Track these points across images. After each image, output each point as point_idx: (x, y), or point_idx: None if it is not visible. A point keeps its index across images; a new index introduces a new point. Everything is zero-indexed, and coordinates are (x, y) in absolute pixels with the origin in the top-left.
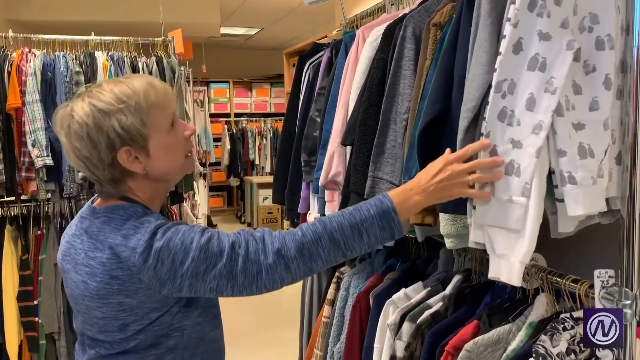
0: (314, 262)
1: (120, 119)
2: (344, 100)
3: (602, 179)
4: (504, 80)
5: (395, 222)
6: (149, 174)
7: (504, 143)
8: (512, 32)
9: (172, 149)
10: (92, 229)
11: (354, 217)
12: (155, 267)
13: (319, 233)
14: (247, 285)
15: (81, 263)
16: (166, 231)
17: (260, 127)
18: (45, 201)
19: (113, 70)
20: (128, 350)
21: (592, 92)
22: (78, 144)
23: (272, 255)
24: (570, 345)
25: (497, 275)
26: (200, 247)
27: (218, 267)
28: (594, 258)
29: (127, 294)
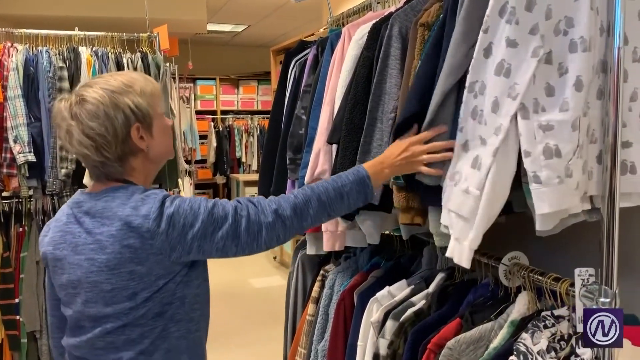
0: (304, 220)
1: (133, 99)
2: (329, 98)
3: (570, 179)
4: (475, 82)
5: (369, 187)
6: (149, 154)
7: (475, 139)
8: (483, 37)
9: (167, 132)
10: (96, 209)
11: (336, 183)
12: (167, 231)
13: (308, 195)
14: (250, 243)
15: (83, 243)
16: (174, 200)
17: (247, 124)
18: (27, 198)
19: (97, 66)
20: (136, 320)
21: (563, 93)
22: (93, 122)
23: (271, 215)
24: (550, 342)
25: (451, 255)
26: (208, 211)
27: (224, 228)
28: (575, 256)
29: (138, 261)
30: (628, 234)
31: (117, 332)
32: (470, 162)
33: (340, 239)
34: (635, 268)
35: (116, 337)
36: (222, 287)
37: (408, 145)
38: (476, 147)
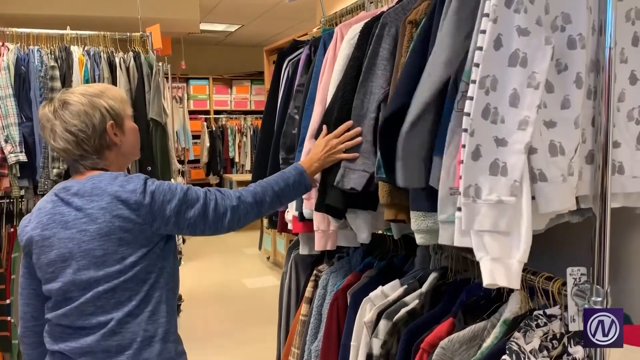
0: (262, 206)
1: (107, 101)
2: (321, 97)
3: (571, 177)
4: (487, 77)
5: (306, 178)
6: (121, 148)
7: (488, 142)
8: (491, 28)
9: (134, 132)
10: (84, 189)
11: (283, 176)
12: (150, 204)
13: (264, 186)
14: (215, 222)
15: (74, 219)
16: (154, 181)
17: (240, 124)
18: (18, 198)
19: (89, 66)
20: (124, 284)
21: (563, 90)
22: (75, 120)
23: (235, 200)
24: (543, 342)
25: (493, 282)
26: (184, 192)
27: (196, 207)
28: (567, 256)
29: (126, 229)
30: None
31: (107, 295)
32: (487, 170)
33: (332, 238)
34: (624, 268)
35: (106, 300)
36: (215, 287)
37: (326, 141)
38: (492, 151)
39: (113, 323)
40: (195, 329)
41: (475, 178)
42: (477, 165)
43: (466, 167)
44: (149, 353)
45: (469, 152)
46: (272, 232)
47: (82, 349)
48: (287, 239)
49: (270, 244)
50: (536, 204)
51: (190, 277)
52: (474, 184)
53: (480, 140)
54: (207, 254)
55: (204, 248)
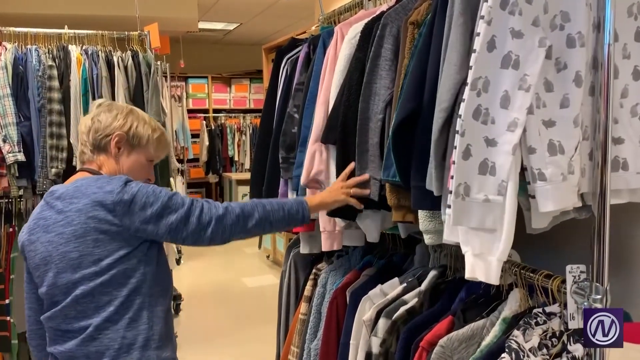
0: (249, 221)
1: (140, 127)
2: (323, 98)
3: (572, 175)
4: (479, 78)
5: (306, 208)
6: (115, 164)
7: (478, 142)
8: (485, 30)
9: (138, 167)
10: (67, 193)
11: (280, 200)
12: (129, 206)
13: (255, 203)
14: (197, 231)
15: (53, 222)
16: (138, 184)
17: (239, 123)
18: (17, 198)
19: (87, 65)
20: (103, 287)
21: (563, 89)
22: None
23: (222, 209)
24: (542, 340)
25: (473, 275)
26: (168, 196)
27: (179, 212)
28: (567, 254)
29: (101, 230)
30: (618, 231)
31: (87, 300)
32: (477, 169)
33: (338, 238)
34: (625, 265)
35: (86, 305)
36: (215, 286)
37: (339, 186)
38: (481, 151)
39: (91, 329)
40: (195, 328)
41: (465, 177)
42: (467, 164)
43: (457, 166)
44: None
45: (460, 151)
46: None
47: (66, 353)
48: (286, 237)
49: (270, 242)
50: (536, 203)
51: (190, 276)
52: (464, 183)
53: (470, 140)
54: (207, 253)
55: (203, 247)
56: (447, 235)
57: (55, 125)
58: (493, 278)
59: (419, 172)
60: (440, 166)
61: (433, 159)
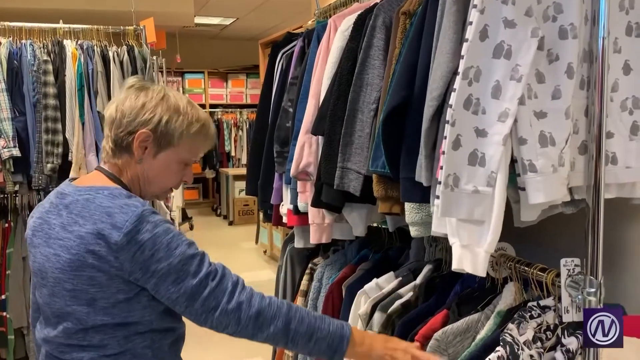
0: (260, 332)
1: (173, 119)
2: (315, 90)
3: (562, 168)
4: (470, 67)
5: (343, 349)
6: (138, 167)
7: (468, 132)
8: (478, 19)
9: (170, 169)
10: (75, 206)
11: (314, 322)
12: (135, 252)
13: (280, 313)
14: (199, 314)
15: (55, 237)
16: (158, 225)
17: (236, 118)
18: (12, 193)
19: (82, 60)
20: (96, 327)
21: (554, 80)
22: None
23: (234, 304)
24: (536, 333)
25: (460, 267)
26: (182, 257)
27: (185, 284)
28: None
29: (99, 268)
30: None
31: (78, 335)
32: (466, 160)
33: (327, 231)
34: (617, 259)
35: (78, 340)
36: None
37: (405, 350)
38: (472, 141)
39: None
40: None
41: (454, 167)
42: (457, 155)
43: (447, 156)
44: None
45: (450, 141)
46: (268, 226)
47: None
48: (283, 232)
49: (267, 237)
50: (526, 194)
51: None
52: (453, 173)
53: (460, 130)
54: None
55: (201, 242)
56: (435, 226)
57: (51, 120)
58: (480, 269)
59: (408, 163)
60: (431, 156)
61: (423, 149)
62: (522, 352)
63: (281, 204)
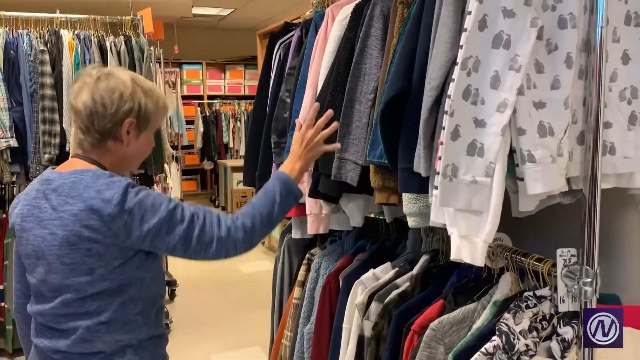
0: (253, 237)
1: (147, 102)
2: (312, 79)
3: (561, 158)
4: (469, 58)
5: (294, 186)
6: (124, 149)
7: (467, 122)
8: (477, 8)
9: (147, 146)
10: (63, 188)
11: (268, 195)
12: (126, 220)
13: (252, 214)
14: (198, 251)
15: (48, 218)
16: (139, 192)
17: (234, 109)
18: (10, 184)
19: (79, 50)
20: (94, 295)
21: (553, 70)
22: (106, 93)
23: (224, 231)
24: (532, 322)
25: (459, 257)
26: (168, 211)
27: (177, 231)
28: (558, 237)
29: (95, 240)
30: (608, 215)
31: (76, 304)
32: (465, 150)
33: (324, 221)
34: (614, 249)
35: (75, 309)
36: (211, 272)
37: (301, 136)
38: (470, 131)
39: (82, 331)
40: (190, 314)
41: (453, 158)
42: (455, 145)
43: (445, 147)
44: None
45: (448, 132)
46: None
47: (55, 349)
48: (281, 223)
49: None
50: (525, 185)
51: (185, 261)
52: (452, 164)
53: (459, 120)
54: None
55: None
56: (433, 216)
57: (48, 110)
58: (478, 259)
59: (406, 153)
60: (429, 147)
61: (422, 140)
62: (517, 341)
63: None
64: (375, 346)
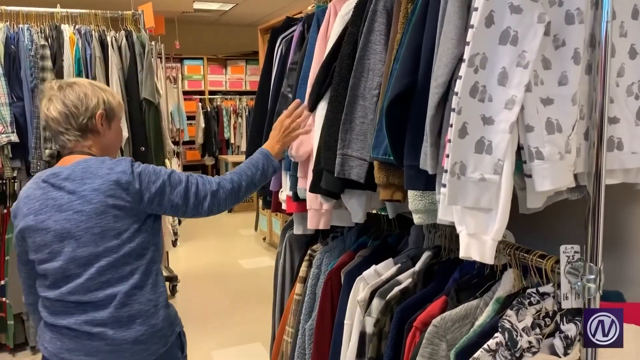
0: (239, 191)
1: (108, 97)
2: (314, 75)
3: (569, 154)
4: (476, 54)
5: (272, 159)
6: (102, 139)
7: (475, 120)
8: (484, 5)
9: (119, 135)
10: (75, 174)
11: (252, 162)
12: (139, 184)
13: (239, 173)
14: (196, 205)
15: (67, 202)
16: (139, 165)
17: (235, 105)
18: (11, 179)
19: (80, 45)
20: (123, 259)
21: (561, 66)
22: (74, 97)
23: (215, 185)
24: (535, 319)
25: (468, 255)
26: (167, 174)
27: (178, 189)
28: (561, 234)
29: (119, 207)
30: (611, 211)
31: (110, 271)
32: (473, 147)
33: (324, 217)
34: (619, 245)
35: (111, 275)
36: (212, 268)
37: (280, 122)
38: (478, 129)
39: (121, 296)
40: (192, 309)
41: (461, 155)
42: (463, 142)
43: (453, 145)
44: (155, 319)
45: (456, 129)
46: (268, 213)
47: (94, 321)
48: (282, 219)
49: (266, 224)
50: (532, 182)
51: (186, 258)
52: (460, 161)
53: (467, 118)
54: (203, 235)
55: (200, 229)
56: (441, 214)
57: None
58: (488, 257)
59: (412, 150)
60: (436, 144)
61: (428, 137)
62: (520, 338)
63: (280, 191)
64: (377, 342)
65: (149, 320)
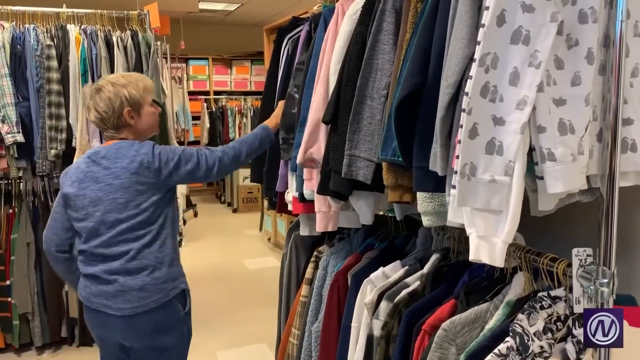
0: (240, 157)
1: (130, 91)
2: (323, 75)
3: (582, 156)
4: (487, 54)
5: (270, 132)
6: (136, 128)
7: (486, 120)
8: (495, 4)
9: (152, 115)
10: (110, 153)
11: (254, 134)
12: (159, 163)
13: (240, 141)
14: (207, 170)
15: (102, 175)
16: (158, 146)
17: (240, 105)
18: (16, 179)
19: (86, 44)
20: (140, 224)
21: (574, 66)
22: (102, 104)
23: (220, 153)
24: (547, 323)
25: (477, 257)
26: (181, 150)
27: (192, 161)
28: (572, 237)
29: (141, 182)
30: (625, 213)
31: (128, 232)
32: (483, 149)
33: (333, 219)
34: (631, 248)
35: (128, 235)
36: (216, 268)
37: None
38: (489, 130)
39: (133, 252)
40: (196, 310)
41: (471, 156)
42: (473, 143)
43: (463, 145)
44: (159, 272)
45: (466, 130)
46: (272, 214)
47: (111, 270)
48: (287, 220)
49: (271, 225)
50: (544, 184)
51: (191, 258)
52: (470, 163)
53: (477, 118)
54: (208, 236)
55: (204, 229)
56: (451, 216)
57: (54, 105)
58: (498, 260)
59: (421, 151)
60: (446, 145)
61: (438, 138)
62: (532, 342)
63: (286, 192)
64: (385, 346)
65: (153, 273)
